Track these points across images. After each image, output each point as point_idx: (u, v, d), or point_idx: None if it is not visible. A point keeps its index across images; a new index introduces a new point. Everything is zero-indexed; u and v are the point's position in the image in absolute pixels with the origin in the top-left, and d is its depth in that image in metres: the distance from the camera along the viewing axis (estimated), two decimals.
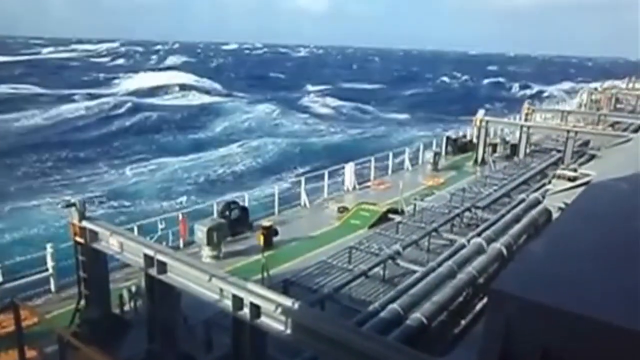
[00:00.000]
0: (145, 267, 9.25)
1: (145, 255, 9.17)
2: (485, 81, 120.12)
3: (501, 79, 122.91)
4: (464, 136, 33.36)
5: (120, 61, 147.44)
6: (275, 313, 7.27)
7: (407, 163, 27.57)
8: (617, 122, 32.72)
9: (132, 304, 11.57)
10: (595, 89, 50.74)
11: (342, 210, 19.43)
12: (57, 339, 6.68)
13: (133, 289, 11.58)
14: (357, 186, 23.57)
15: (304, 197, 20.90)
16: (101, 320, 10.53)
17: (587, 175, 13.23)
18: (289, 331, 7.23)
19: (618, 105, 44.42)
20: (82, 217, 10.30)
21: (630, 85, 58.90)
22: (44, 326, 8.99)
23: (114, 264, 11.94)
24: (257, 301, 7.48)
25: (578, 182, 13.02)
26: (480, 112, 29.84)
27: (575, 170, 15.47)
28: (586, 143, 26.33)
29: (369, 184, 24.38)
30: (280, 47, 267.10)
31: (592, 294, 5.15)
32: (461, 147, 31.36)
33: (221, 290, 8.00)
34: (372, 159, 25.38)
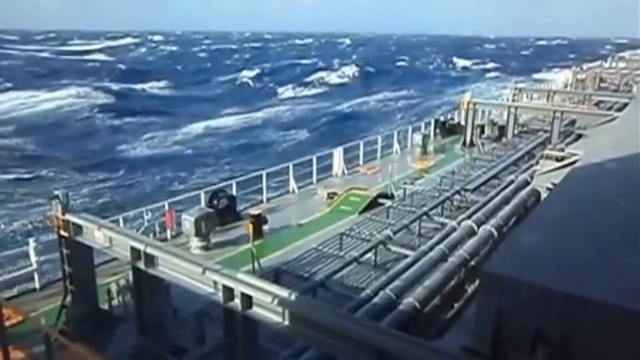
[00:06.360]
0: (132, 261, 9.09)
1: (133, 249, 9.00)
2: None
3: None
4: (452, 118, 33.37)
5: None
6: (266, 303, 7.17)
7: (396, 146, 27.40)
8: (602, 101, 32.80)
9: (120, 298, 11.39)
10: (581, 68, 50.93)
11: (332, 196, 19.19)
12: (43, 337, 6.50)
13: (122, 282, 11.38)
14: (345, 171, 23.38)
15: (292, 183, 20.70)
16: (89, 316, 10.35)
17: (574, 155, 13.28)
18: (281, 320, 7.13)
19: (602, 85, 44.51)
20: (65, 209, 10.08)
21: (614, 64, 59.22)
22: (29, 325, 8.80)
23: (101, 257, 11.73)
24: (248, 291, 7.36)
25: (565, 162, 13.07)
26: (467, 94, 29.77)
27: (562, 150, 15.52)
28: (573, 122, 26.38)
29: (358, 168, 24.23)
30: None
31: (584, 274, 5.11)
32: (449, 129, 31.29)
33: (214, 282, 7.87)
34: (361, 142, 25.21)
